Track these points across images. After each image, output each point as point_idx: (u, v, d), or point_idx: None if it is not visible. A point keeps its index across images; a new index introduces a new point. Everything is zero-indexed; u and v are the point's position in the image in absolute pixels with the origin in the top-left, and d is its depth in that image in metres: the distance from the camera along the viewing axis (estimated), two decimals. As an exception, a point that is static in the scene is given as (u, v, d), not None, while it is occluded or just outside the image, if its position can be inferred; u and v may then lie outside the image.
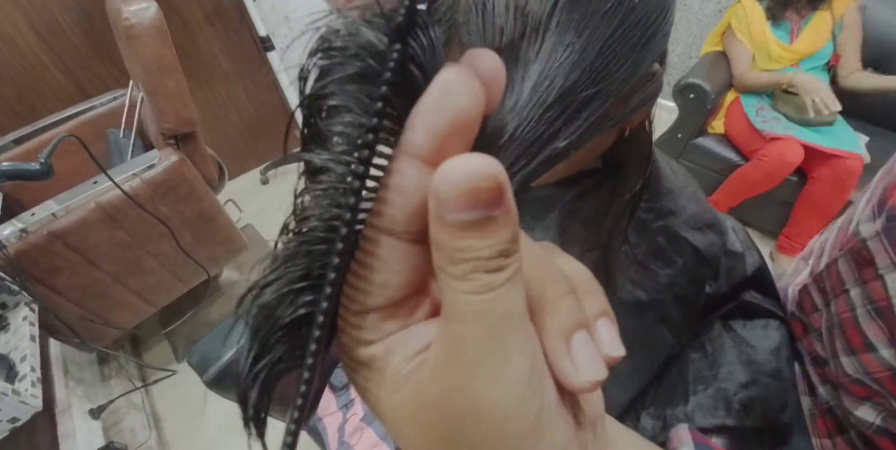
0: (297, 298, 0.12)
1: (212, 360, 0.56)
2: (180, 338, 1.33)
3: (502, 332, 0.10)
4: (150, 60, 0.81)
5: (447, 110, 0.10)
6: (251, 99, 1.86)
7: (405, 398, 0.11)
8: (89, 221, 0.84)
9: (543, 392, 0.11)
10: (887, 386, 0.30)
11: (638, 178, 0.36)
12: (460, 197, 0.09)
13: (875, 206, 0.32)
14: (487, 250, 0.10)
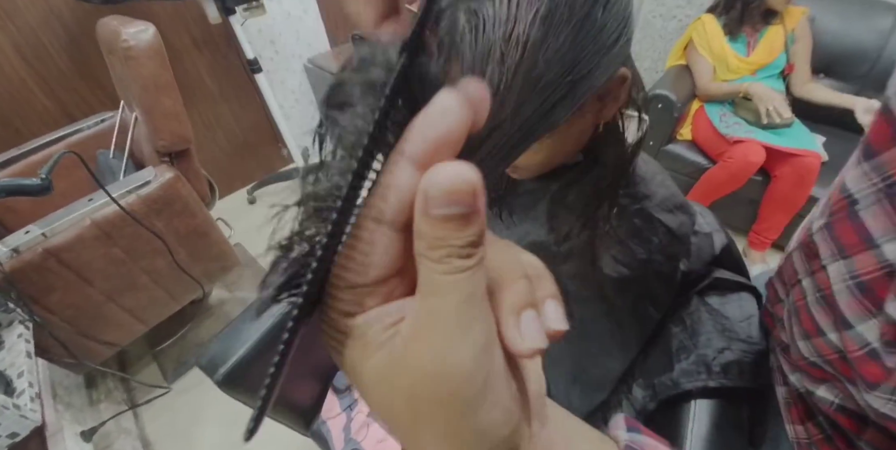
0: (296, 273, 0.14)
1: (221, 361, 0.57)
2: (169, 359, 1.31)
3: (467, 306, 0.13)
4: (147, 80, 0.84)
5: (441, 127, 0.12)
6: (238, 121, 1.89)
7: (379, 363, 0.14)
8: (84, 237, 0.85)
9: (494, 359, 0.14)
10: (838, 368, 0.33)
11: (617, 167, 0.40)
12: (444, 196, 0.12)
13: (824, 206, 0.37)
14: (460, 240, 0.12)
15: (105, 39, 1.04)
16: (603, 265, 0.43)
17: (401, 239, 0.13)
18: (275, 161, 2.13)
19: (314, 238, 0.13)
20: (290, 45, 1.89)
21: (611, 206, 0.41)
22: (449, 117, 0.12)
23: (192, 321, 1.22)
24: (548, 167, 0.43)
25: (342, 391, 0.75)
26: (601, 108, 0.36)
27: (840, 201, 0.31)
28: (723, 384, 0.45)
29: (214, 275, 1.13)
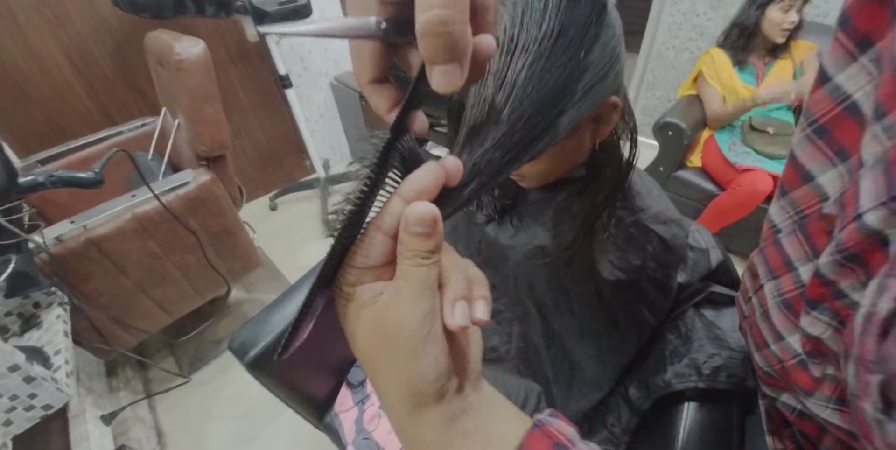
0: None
1: (251, 346, 0.62)
2: (185, 354, 1.36)
3: (421, 288, 0.20)
4: (195, 90, 0.93)
5: (422, 184, 0.20)
6: (265, 131, 2.00)
7: (364, 317, 0.21)
8: (125, 230, 0.92)
9: (433, 326, 0.20)
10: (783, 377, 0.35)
11: (614, 180, 0.46)
12: (416, 221, 0.20)
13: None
14: (424, 248, 0.20)
15: (155, 51, 1.14)
16: (601, 269, 0.47)
17: (391, 243, 0.21)
18: (296, 171, 2.22)
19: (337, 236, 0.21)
20: (319, 64, 2.01)
21: (609, 215, 0.46)
22: (428, 180, 0.21)
23: (212, 318, 1.27)
24: (551, 177, 0.48)
25: (355, 386, 0.79)
26: (596, 128, 0.41)
27: (768, 230, 0.35)
28: (711, 386, 0.48)
29: (237, 274, 1.19)
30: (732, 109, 1.46)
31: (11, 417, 0.67)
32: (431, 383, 0.21)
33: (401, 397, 0.21)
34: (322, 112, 2.16)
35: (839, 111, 0.26)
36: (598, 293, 0.49)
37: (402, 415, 0.22)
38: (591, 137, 0.43)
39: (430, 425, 0.21)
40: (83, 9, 1.39)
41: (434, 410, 0.21)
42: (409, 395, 0.21)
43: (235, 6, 1.39)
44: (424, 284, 0.20)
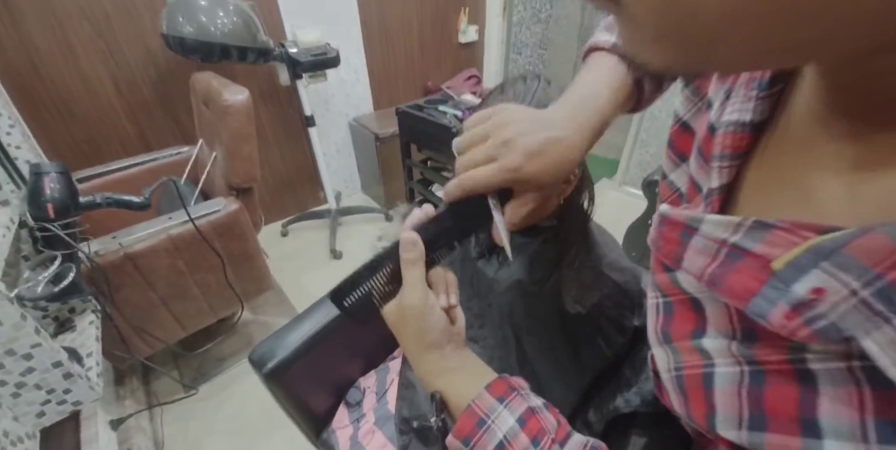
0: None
1: (269, 358, 0.72)
2: (189, 369, 1.43)
3: (413, 282, 0.35)
4: (236, 131, 1.07)
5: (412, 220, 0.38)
6: (284, 162, 2.16)
7: (392, 306, 0.37)
8: (159, 248, 1.03)
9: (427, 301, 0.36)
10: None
11: (577, 228, 0.57)
12: (404, 243, 0.36)
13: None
14: (411, 258, 0.36)
15: (202, 91, 1.30)
16: (566, 303, 0.58)
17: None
18: (309, 201, 2.36)
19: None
20: (340, 105, 2.20)
21: (572, 259, 0.57)
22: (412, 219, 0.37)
23: (219, 336, 1.35)
24: (527, 224, 0.60)
25: (353, 406, 0.87)
26: (562, 189, 0.53)
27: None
28: (648, 411, 0.58)
29: (251, 295, 1.29)
30: None
31: (45, 409, 0.75)
32: (432, 334, 0.36)
33: (415, 345, 0.37)
34: (339, 148, 2.33)
35: (675, 197, 0.37)
36: (563, 324, 0.59)
37: (416, 357, 0.37)
38: (558, 195, 0.55)
39: (431, 361, 0.36)
40: (134, 42, 1.57)
41: (434, 352, 0.36)
42: (419, 343, 0.36)
43: (273, 55, 1.58)
44: (416, 280, 0.35)
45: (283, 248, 2.08)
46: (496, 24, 2.49)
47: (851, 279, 0.15)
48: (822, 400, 0.17)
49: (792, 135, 0.23)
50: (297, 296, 1.76)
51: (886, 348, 0.15)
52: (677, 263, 0.24)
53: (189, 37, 1.34)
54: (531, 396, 0.36)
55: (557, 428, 0.34)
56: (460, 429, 0.34)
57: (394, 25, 2.15)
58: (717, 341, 0.23)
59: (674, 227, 0.25)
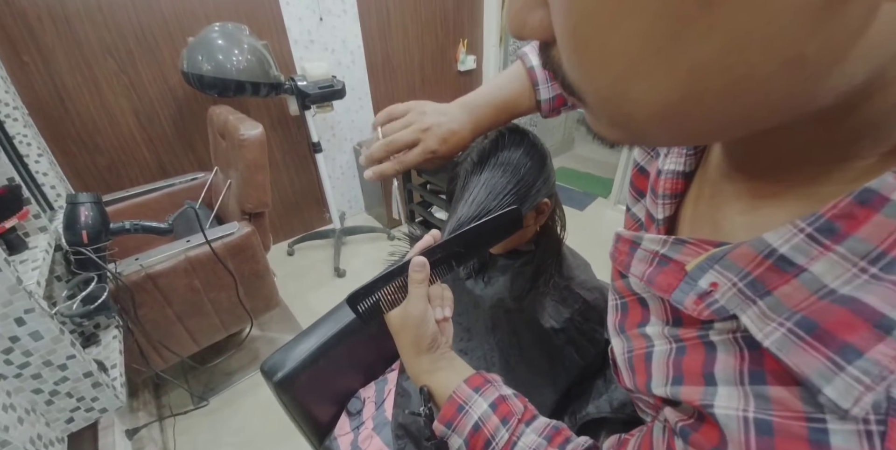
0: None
1: (279, 368, 0.80)
2: (198, 383, 1.50)
3: (418, 297, 0.44)
4: (251, 162, 1.18)
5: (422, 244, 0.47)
6: (292, 185, 2.27)
7: (395, 312, 0.45)
8: (177, 269, 1.12)
9: (426, 315, 0.44)
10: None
11: (551, 254, 0.66)
12: (415, 264, 0.44)
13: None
14: (419, 278, 0.44)
15: (219, 124, 1.42)
16: (541, 318, 0.66)
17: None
18: (315, 222, 2.47)
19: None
20: (345, 131, 2.33)
21: (547, 279, 0.66)
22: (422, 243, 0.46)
23: (228, 351, 1.43)
24: (510, 248, 0.69)
25: (353, 414, 0.94)
26: (536, 217, 0.62)
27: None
28: (617, 417, 0.65)
29: (259, 312, 1.37)
30: None
31: (74, 415, 0.83)
32: (426, 340, 0.44)
33: (411, 348, 0.44)
34: (344, 171, 2.45)
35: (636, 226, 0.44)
36: (540, 337, 0.67)
37: (411, 358, 0.45)
38: (535, 223, 0.64)
39: (423, 362, 0.44)
40: (156, 78, 1.70)
41: (426, 355, 0.44)
42: (415, 347, 0.44)
43: (284, 88, 1.71)
44: (420, 296, 0.43)
45: (289, 266, 2.17)
46: (493, 53, 2.64)
47: (732, 275, 0.23)
48: (718, 360, 0.25)
49: (709, 181, 0.32)
50: (301, 313, 1.84)
51: (755, 319, 0.21)
52: (627, 269, 0.33)
53: (207, 74, 1.46)
54: (503, 387, 0.44)
55: (524, 411, 0.42)
56: (444, 415, 0.41)
57: (396, 56, 2.29)
58: (655, 328, 0.31)
59: (625, 243, 0.34)
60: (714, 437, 0.23)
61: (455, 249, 0.46)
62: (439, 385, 0.43)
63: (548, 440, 0.40)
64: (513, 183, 0.53)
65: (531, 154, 0.56)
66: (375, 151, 0.50)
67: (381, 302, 0.44)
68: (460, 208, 0.51)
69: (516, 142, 0.56)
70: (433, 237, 0.47)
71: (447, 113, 0.51)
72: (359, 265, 2.16)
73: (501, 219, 0.47)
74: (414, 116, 0.51)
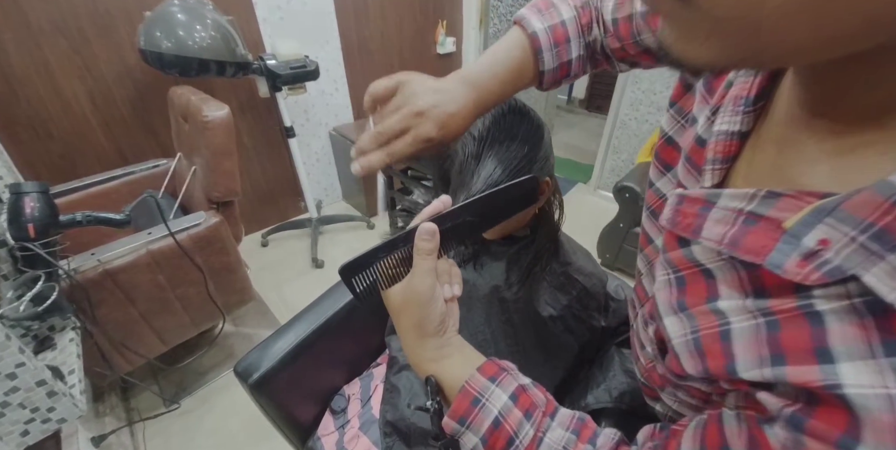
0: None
1: (254, 369, 0.74)
2: (169, 384, 1.42)
3: (427, 270, 0.36)
4: (217, 147, 1.09)
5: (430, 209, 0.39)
6: (265, 173, 2.16)
7: (396, 289, 0.38)
8: (138, 264, 1.04)
9: (435, 292, 0.37)
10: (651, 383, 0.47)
11: (549, 238, 0.62)
12: (423, 232, 0.37)
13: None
14: (428, 248, 0.37)
15: (180, 106, 1.31)
16: (538, 306, 0.63)
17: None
18: (290, 211, 2.37)
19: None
20: (319, 115, 2.22)
21: (545, 264, 0.62)
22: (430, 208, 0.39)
23: (200, 349, 1.35)
24: (506, 233, 0.65)
25: (338, 413, 0.90)
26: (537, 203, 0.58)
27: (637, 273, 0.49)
28: (618, 406, 0.63)
29: (232, 307, 1.29)
30: None
31: (29, 428, 0.75)
32: (433, 322, 0.37)
33: (414, 331, 0.38)
34: (319, 157, 2.35)
35: (661, 202, 0.42)
36: (536, 326, 0.64)
37: (413, 343, 0.38)
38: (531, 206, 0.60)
39: (429, 348, 0.38)
40: (112, 58, 1.56)
41: (432, 340, 0.38)
42: (419, 330, 0.37)
43: (252, 69, 1.60)
44: (429, 269, 0.36)
45: (263, 258, 2.08)
46: (473, 35, 2.56)
47: (850, 229, 0.20)
48: (831, 333, 0.21)
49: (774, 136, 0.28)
50: (278, 307, 1.76)
51: (884, 278, 0.19)
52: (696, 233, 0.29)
53: (167, 52, 1.34)
54: (520, 375, 0.39)
55: (546, 402, 0.37)
56: (456, 409, 0.35)
57: (373, 37, 2.19)
58: (731, 302, 0.27)
59: (693, 203, 0.30)
60: (840, 421, 0.20)
61: (467, 218, 0.39)
62: (448, 375, 0.37)
63: (576, 435, 0.35)
64: (518, 158, 0.50)
65: (537, 127, 0.55)
66: (363, 143, 0.43)
67: (379, 276, 0.37)
68: (472, 184, 0.48)
69: (520, 113, 0.53)
70: (443, 203, 0.39)
71: (444, 91, 0.43)
72: (337, 255, 2.09)
73: (518, 188, 0.41)
74: (403, 97, 0.43)
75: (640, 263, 0.49)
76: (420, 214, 0.39)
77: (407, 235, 0.37)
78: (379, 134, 0.42)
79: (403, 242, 0.38)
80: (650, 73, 2.12)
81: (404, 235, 0.38)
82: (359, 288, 0.37)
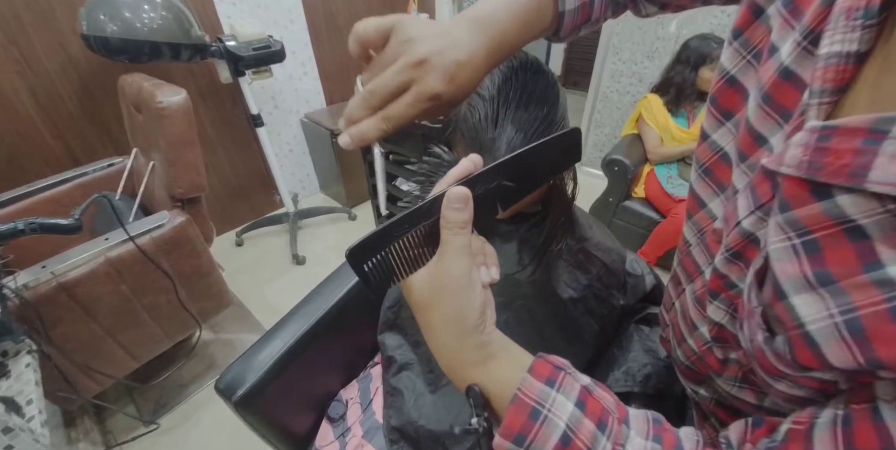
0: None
1: (238, 384, 0.65)
2: (147, 401, 1.31)
3: (461, 249, 0.28)
4: (175, 136, 0.97)
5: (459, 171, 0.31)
6: (233, 167, 2.02)
7: (421, 275, 0.30)
8: (97, 274, 0.92)
9: (472, 274, 0.29)
10: (698, 367, 0.43)
11: (563, 212, 0.55)
12: (454, 199, 0.28)
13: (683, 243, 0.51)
14: (461, 219, 0.28)
15: (132, 95, 1.17)
16: (557, 288, 0.57)
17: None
18: (264, 206, 2.24)
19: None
20: (289, 102, 2.08)
21: (560, 241, 0.56)
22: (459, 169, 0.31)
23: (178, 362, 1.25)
24: (514, 212, 0.58)
25: (336, 420, 0.82)
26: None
27: (683, 245, 0.44)
28: (643, 391, 0.58)
29: (209, 313, 1.19)
30: (679, 150, 1.65)
31: (-19, 471, 0.65)
32: (472, 315, 0.29)
33: (449, 328, 0.30)
34: (292, 147, 2.21)
35: (717, 158, 0.37)
36: (555, 310, 0.58)
37: (448, 344, 0.30)
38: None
39: (470, 349, 0.30)
40: (52, 48, 1.41)
41: (473, 337, 0.29)
42: (455, 323, 0.29)
43: (210, 51, 1.46)
44: (463, 247, 0.28)
45: (239, 258, 1.95)
46: (446, 10, 2.43)
47: None
48: None
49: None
50: (260, 309, 1.66)
51: None
52: (857, 177, 0.22)
53: (113, 36, 1.20)
54: (578, 373, 0.31)
55: (616, 405, 0.30)
56: (510, 426, 0.28)
57: (341, 15, 2.04)
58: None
59: (851, 136, 0.22)
60: None
61: (502, 181, 0.31)
62: (497, 382, 0.30)
63: (660, 444, 0.29)
64: (538, 120, 0.44)
65: (553, 84, 0.48)
66: (352, 109, 0.33)
67: (397, 259, 0.29)
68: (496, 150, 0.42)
69: (534, 70, 0.46)
70: (473, 163, 0.31)
71: (449, 35, 0.33)
72: (319, 250, 1.98)
73: (561, 142, 0.33)
74: (399, 44, 0.32)
75: (689, 233, 0.42)
76: (444, 177, 0.31)
77: (430, 206, 0.29)
78: (371, 94, 0.32)
79: (425, 215, 0.29)
80: (631, 41, 2.06)
81: (427, 205, 0.29)
82: (374, 277, 0.29)
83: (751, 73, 0.33)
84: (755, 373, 0.34)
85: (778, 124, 0.29)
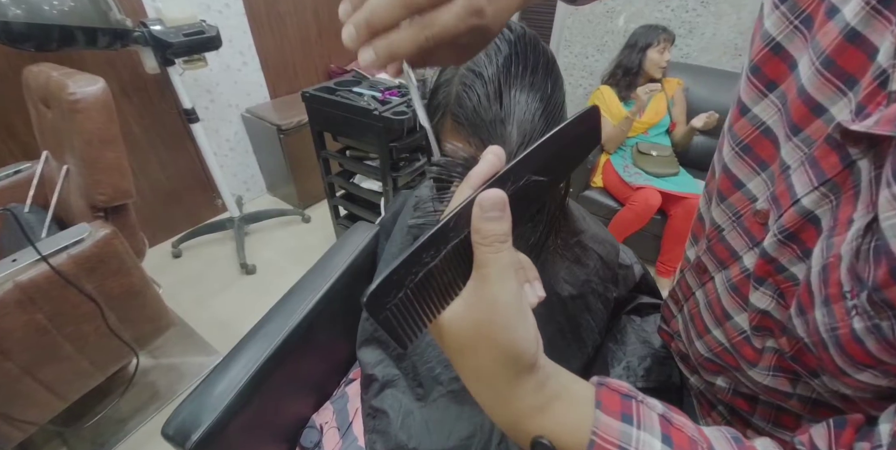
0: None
1: (193, 427, 0.54)
2: (83, 442, 1.14)
3: (506, 270, 0.22)
4: (92, 134, 0.82)
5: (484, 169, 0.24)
6: (165, 169, 1.82)
7: (456, 310, 0.23)
8: (6, 303, 0.76)
9: (522, 300, 0.23)
10: (723, 358, 0.42)
11: (556, 208, 0.53)
12: (489, 206, 0.22)
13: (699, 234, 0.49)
14: (500, 232, 0.22)
15: (38, 88, 0.99)
16: (556, 286, 0.53)
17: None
18: (204, 211, 2.04)
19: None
20: (227, 95, 1.90)
21: (555, 235, 0.53)
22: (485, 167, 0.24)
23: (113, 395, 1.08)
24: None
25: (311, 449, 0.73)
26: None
27: (712, 230, 0.43)
28: (646, 386, 0.57)
29: (147, 338, 1.04)
30: (618, 128, 1.68)
31: None
32: (530, 349, 0.23)
33: (499, 370, 0.23)
34: (232, 145, 2.03)
35: (757, 134, 0.35)
36: (555, 310, 0.55)
37: (502, 391, 0.24)
38: None
39: (528, 392, 0.24)
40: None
41: (531, 377, 0.24)
42: (509, 365, 0.23)
43: (133, 37, 1.27)
44: (507, 267, 0.22)
45: (178, 272, 1.76)
46: None
47: None
48: None
49: None
50: (206, 327, 1.50)
51: None
52: None
53: (16, 20, 1.02)
54: (648, 398, 0.26)
55: (698, 431, 0.25)
56: None
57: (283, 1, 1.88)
58: None
59: None
60: None
61: (532, 176, 0.25)
62: (566, 427, 0.24)
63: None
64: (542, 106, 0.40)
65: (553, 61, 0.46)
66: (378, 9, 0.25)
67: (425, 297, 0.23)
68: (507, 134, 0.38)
69: (533, 43, 0.43)
70: (498, 157, 0.25)
71: None
72: (271, 257, 1.83)
73: (581, 123, 0.28)
74: None
75: (721, 217, 0.40)
76: (466, 178, 0.24)
77: (455, 220, 0.23)
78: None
79: (452, 233, 0.23)
80: (582, 35, 2.08)
81: (454, 218, 0.23)
82: (401, 326, 0.22)
83: (797, 41, 0.31)
84: (799, 360, 0.32)
85: (839, 92, 0.27)
